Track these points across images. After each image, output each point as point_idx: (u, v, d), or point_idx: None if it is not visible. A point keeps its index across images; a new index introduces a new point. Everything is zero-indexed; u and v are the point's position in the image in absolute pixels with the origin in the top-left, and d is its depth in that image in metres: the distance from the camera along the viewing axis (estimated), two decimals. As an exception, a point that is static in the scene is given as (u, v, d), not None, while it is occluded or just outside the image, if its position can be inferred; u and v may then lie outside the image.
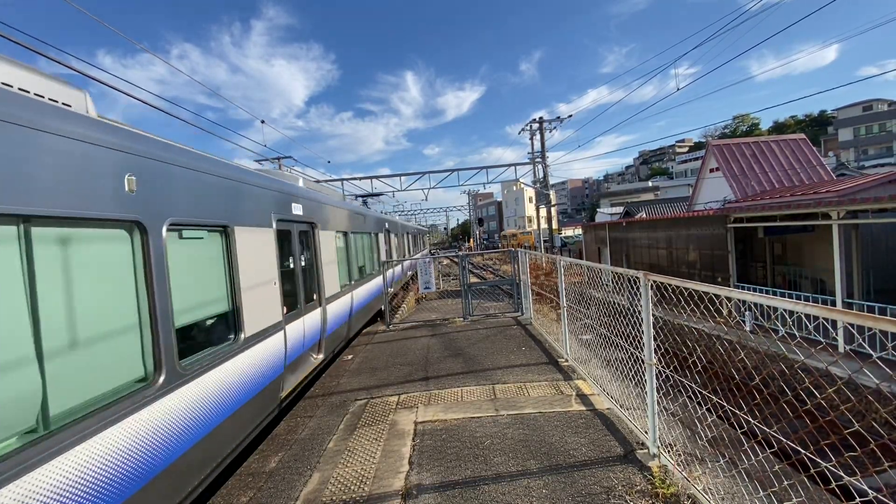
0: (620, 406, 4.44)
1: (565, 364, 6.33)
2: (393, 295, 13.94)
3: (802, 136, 24.74)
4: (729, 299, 2.77)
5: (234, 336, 4.23)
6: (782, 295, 12.17)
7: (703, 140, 73.97)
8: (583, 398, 5.02)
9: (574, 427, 4.31)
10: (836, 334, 9.58)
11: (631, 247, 20.98)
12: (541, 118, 25.69)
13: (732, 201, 20.57)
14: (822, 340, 2.52)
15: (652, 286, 3.55)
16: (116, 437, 2.68)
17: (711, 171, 24.80)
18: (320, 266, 6.99)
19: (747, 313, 11.98)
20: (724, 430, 3.33)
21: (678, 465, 3.30)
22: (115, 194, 2.94)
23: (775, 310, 2.32)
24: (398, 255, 18.15)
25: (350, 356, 7.96)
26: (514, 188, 69.13)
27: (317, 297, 6.81)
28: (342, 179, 24.62)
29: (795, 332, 2.38)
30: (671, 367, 3.41)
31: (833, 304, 10.48)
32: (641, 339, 3.60)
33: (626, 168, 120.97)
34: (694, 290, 3.00)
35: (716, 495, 2.93)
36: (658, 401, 3.49)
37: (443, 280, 23.01)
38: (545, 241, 28.33)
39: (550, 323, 8.44)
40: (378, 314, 11.83)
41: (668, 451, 3.47)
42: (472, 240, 65.61)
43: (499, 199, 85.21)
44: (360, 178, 25.19)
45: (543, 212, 27.45)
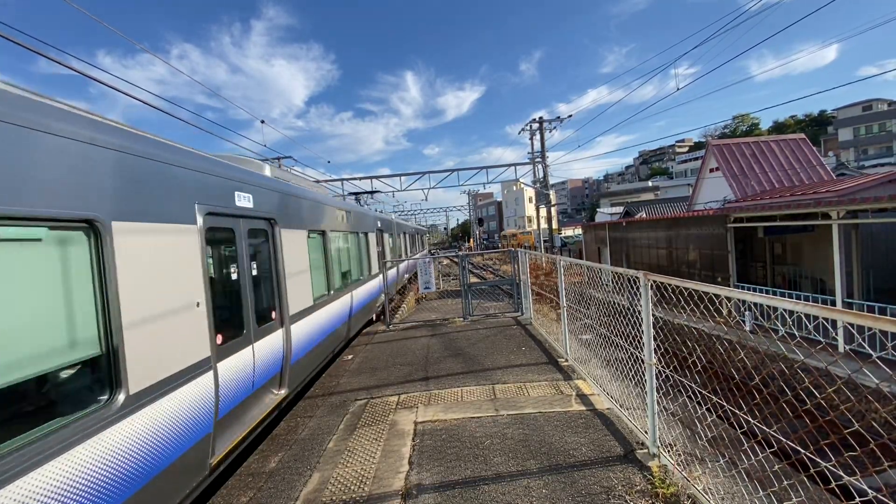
0: (620, 406, 4.44)
1: (565, 364, 6.33)
2: (383, 303, 13.27)
3: (802, 135, 24.75)
4: (729, 299, 2.77)
5: (106, 396, 2.75)
6: (782, 295, 12.17)
7: (703, 140, 73.97)
8: (583, 398, 5.02)
9: (574, 427, 4.31)
10: (836, 334, 9.59)
11: (631, 247, 20.99)
12: (541, 118, 25.70)
13: (732, 201, 20.57)
14: (822, 340, 2.52)
15: (652, 286, 3.55)
16: None
17: (711, 170, 24.81)
18: (283, 275, 5.54)
19: (747, 313, 11.98)
20: (723, 430, 3.33)
21: (678, 464, 3.30)
22: None
23: (775, 309, 2.32)
24: (394, 257, 16.80)
25: (350, 356, 7.96)
26: (514, 188, 69.16)
27: (277, 315, 5.40)
28: (342, 179, 24.64)
29: (795, 331, 2.38)
30: (671, 367, 3.41)
31: (833, 303, 10.48)
32: (641, 338, 3.60)
33: (626, 168, 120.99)
34: (694, 290, 3.00)
35: (716, 495, 2.93)
36: (658, 401, 3.49)
37: (443, 280, 23.02)
38: (545, 241, 28.33)
39: (550, 323, 8.44)
40: (368, 323, 11.04)
41: (668, 451, 3.48)
42: (472, 240, 65.63)
43: (499, 199, 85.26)
44: (360, 178, 25.20)
45: (543, 212, 27.46)
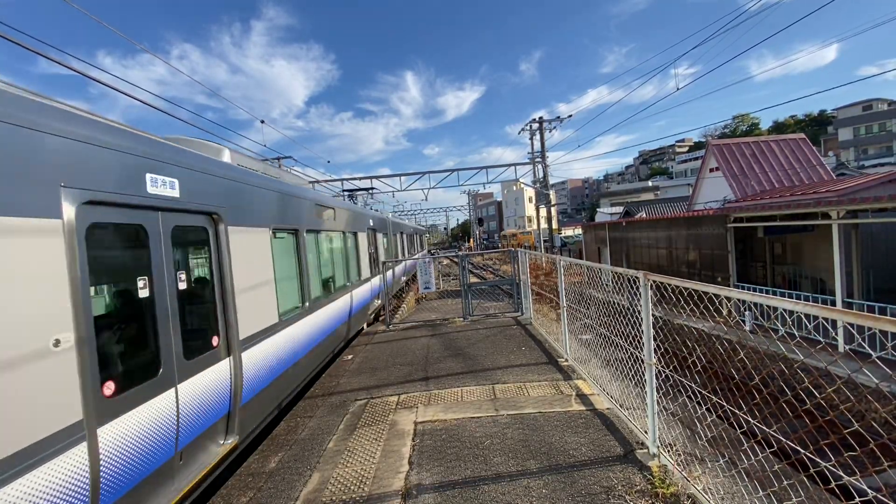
0: (620, 406, 4.44)
1: (565, 364, 6.33)
2: (376, 310, 11.92)
3: (802, 135, 24.75)
4: (729, 299, 2.77)
5: None
6: (782, 295, 12.17)
7: (703, 140, 73.98)
8: (583, 398, 5.02)
9: (574, 427, 4.31)
10: (836, 334, 9.59)
11: (631, 247, 20.99)
12: (541, 118, 25.69)
13: (732, 201, 20.57)
14: (822, 340, 2.52)
15: (651, 286, 3.55)
16: None
17: (711, 170, 24.81)
18: (231, 288, 4.25)
19: (747, 313, 11.99)
20: (723, 430, 3.33)
21: (678, 464, 3.30)
22: None
23: (775, 309, 2.32)
24: (390, 259, 15.11)
25: (350, 356, 7.96)
26: (514, 188, 69.16)
27: (221, 341, 4.12)
28: (342, 179, 24.62)
29: (795, 331, 2.38)
30: (671, 367, 3.41)
31: (833, 303, 10.48)
32: (641, 338, 3.60)
33: (626, 168, 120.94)
34: (694, 290, 3.00)
35: (715, 495, 2.93)
36: (658, 400, 3.49)
37: (443, 280, 23.03)
38: (545, 241, 28.33)
39: (550, 323, 8.44)
40: (360, 332, 10.07)
41: (668, 451, 3.48)
42: (472, 240, 65.63)
43: (499, 199, 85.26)
44: (360, 178, 25.18)
45: (543, 212, 27.45)
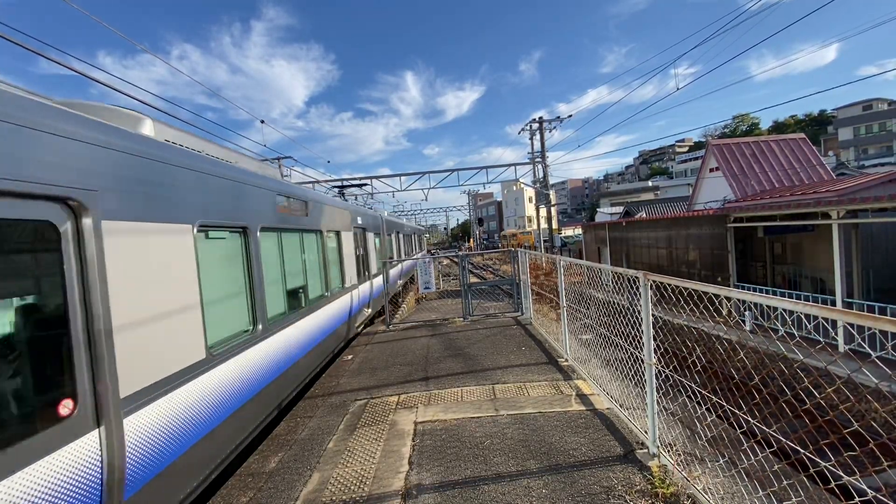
0: (620, 406, 4.44)
1: (565, 364, 6.33)
2: (366, 320, 10.51)
3: (802, 135, 24.75)
4: (728, 299, 2.78)
5: None
6: (782, 294, 12.17)
7: (703, 140, 73.98)
8: (582, 398, 5.02)
9: (574, 427, 4.31)
10: (836, 334, 9.59)
11: (631, 246, 20.98)
12: (540, 118, 25.69)
13: (732, 201, 20.57)
14: (822, 340, 2.52)
15: (651, 286, 3.55)
16: None
17: (711, 170, 24.81)
18: (103, 320, 2.70)
19: (747, 313, 11.99)
20: (723, 430, 3.34)
21: (678, 464, 3.30)
22: None
23: (775, 309, 2.32)
24: (379, 264, 13.00)
25: (350, 356, 7.96)
26: (514, 188, 69.15)
27: (85, 404, 2.54)
28: (342, 179, 24.62)
29: (795, 331, 2.38)
30: (671, 367, 3.41)
31: (833, 303, 10.48)
32: (641, 338, 3.60)
33: (626, 168, 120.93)
34: (693, 290, 3.00)
35: (715, 495, 2.93)
36: (658, 400, 3.49)
37: (443, 280, 23.03)
38: (545, 241, 28.33)
39: (550, 323, 8.44)
40: (343, 349, 8.58)
41: (668, 451, 3.48)
42: (472, 240, 65.63)
43: (499, 199, 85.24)
44: (361, 178, 25.18)
45: (543, 212, 27.45)
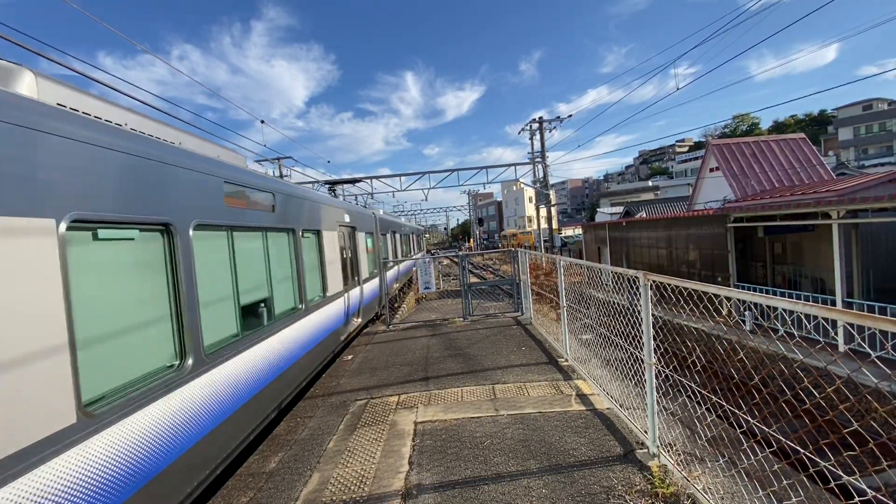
0: (620, 406, 4.44)
1: (565, 364, 6.33)
2: (354, 332, 9.18)
3: (802, 135, 24.75)
4: (728, 299, 2.77)
5: None
6: (782, 294, 12.17)
7: (703, 140, 74.00)
8: (582, 398, 5.02)
9: (574, 427, 4.31)
10: (836, 334, 9.59)
11: (631, 246, 20.98)
12: (540, 118, 25.69)
13: (732, 201, 20.57)
14: (821, 340, 2.52)
15: (651, 286, 3.55)
16: None
17: (711, 170, 24.81)
18: None
19: (747, 313, 11.99)
20: (723, 430, 3.34)
21: (678, 464, 3.30)
22: None
23: (775, 309, 2.33)
24: (371, 267, 11.32)
25: (350, 356, 7.96)
26: (514, 188, 69.15)
27: None
28: (342, 180, 24.60)
29: (795, 331, 2.38)
30: (671, 367, 3.41)
31: (833, 303, 10.48)
32: (641, 338, 3.60)
33: (626, 168, 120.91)
34: (693, 290, 3.00)
35: (715, 495, 2.93)
36: (658, 400, 3.49)
37: (443, 280, 23.04)
38: (545, 241, 28.33)
39: (550, 323, 8.44)
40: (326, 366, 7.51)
41: (668, 451, 3.48)
42: (472, 240, 65.65)
43: (499, 199, 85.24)
44: (361, 178, 25.16)
45: (543, 212, 27.45)
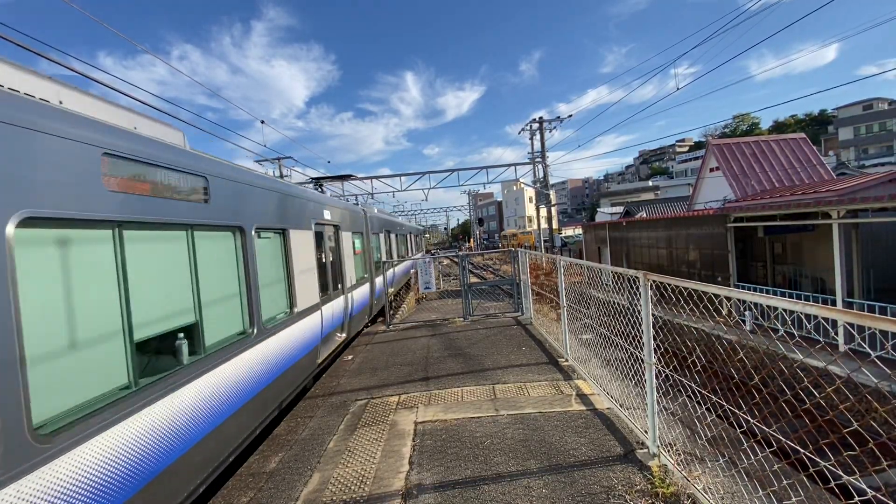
0: (620, 406, 4.44)
1: (565, 364, 6.33)
2: (335, 349, 7.81)
3: (802, 135, 24.75)
4: (728, 299, 2.78)
5: None
6: (782, 294, 12.17)
7: (703, 139, 73.98)
8: (583, 398, 5.03)
9: (574, 427, 4.31)
10: (836, 334, 9.59)
11: (631, 246, 20.98)
12: (541, 118, 25.69)
13: (732, 201, 20.57)
14: (821, 340, 2.52)
15: (651, 286, 3.55)
16: None
17: (711, 170, 24.80)
18: None
19: (747, 313, 11.98)
20: (723, 430, 3.34)
21: (678, 464, 3.30)
22: None
23: (775, 309, 2.32)
24: (361, 271, 10.20)
25: (350, 356, 7.97)
26: (515, 188, 69.15)
27: None
28: (343, 180, 24.61)
29: (795, 331, 2.39)
30: (671, 367, 3.41)
31: (833, 303, 10.48)
32: (641, 338, 3.60)
33: (627, 168, 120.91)
34: (693, 290, 3.00)
35: (715, 494, 2.93)
36: (658, 400, 3.49)
37: (443, 280, 23.04)
38: (545, 241, 28.33)
39: (550, 323, 8.44)
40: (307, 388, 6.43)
41: (668, 451, 3.48)
42: (472, 240, 65.67)
43: (499, 199, 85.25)
44: (361, 178, 25.19)
45: (543, 212, 27.45)
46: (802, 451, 2.33)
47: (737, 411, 2.79)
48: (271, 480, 3.89)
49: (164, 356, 3.57)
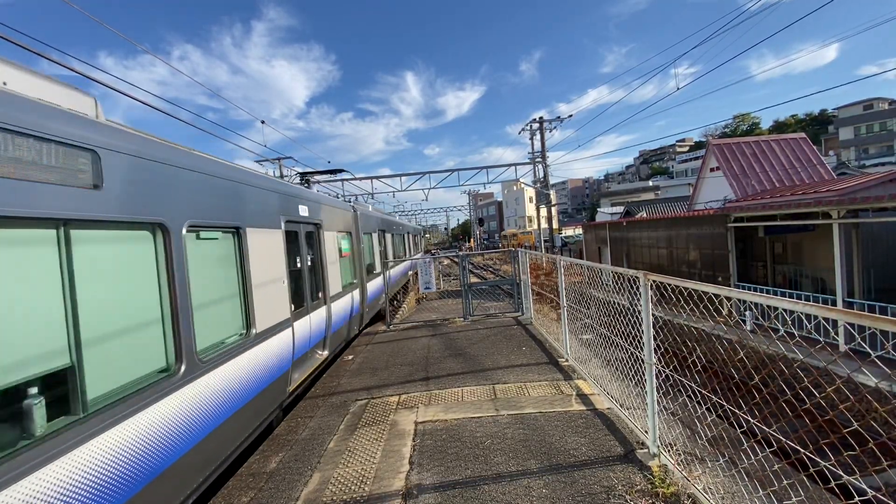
0: (620, 406, 4.44)
1: (565, 364, 6.33)
2: (319, 367, 6.78)
3: (803, 135, 24.73)
4: (729, 299, 2.78)
5: None
6: (782, 294, 12.17)
7: (704, 139, 73.95)
8: (583, 398, 5.03)
9: (574, 427, 4.31)
10: (837, 334, 9.58)
11: (631, 246, 20.98)
12: (541, 118, 25.69)
13: (733, 200, 20.56)
14: (822, 340, 2.52)
15: (652, 286, 3.55)
16: None
17: (712, 170, 24.80)
18: None
19: (747, 313, 11.98)
20: (723, 430, 3.34)
21: (678, 464, 3.30)
22: None
23: (775, 309, 2.32)
24: (348, 277, 9.15)
25: (350, 356, 7.97)
26: (515, 188, 69.16)
27: None
28: (342, 179, 24.63)
29: (795, 331, 2.39)
30: (671, 367, 3.41)
31: (834, 303, 10.48)
32: (641, 338, 3.60)
33: (627, 167, 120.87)
34: (694, 290, 3.00)
35: (716, 494, 2.93)
36: (658, 400, 3.49)
37: (443, 280, 23.03)
38: (545, 241, 28.33)
39: (551, 323, 8.44)
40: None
41: (668, 451, 3.48)
42: (472, 240, 65.69)
43: (499, 199, 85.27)
44: (361, 179, 25.20)
45: (544, 211, 27.45)
46: (803, 451, 2.33)
47: (737, 411, 2.79)
48: (271, 480, 3.89)
49: (7, 424, 2.27)
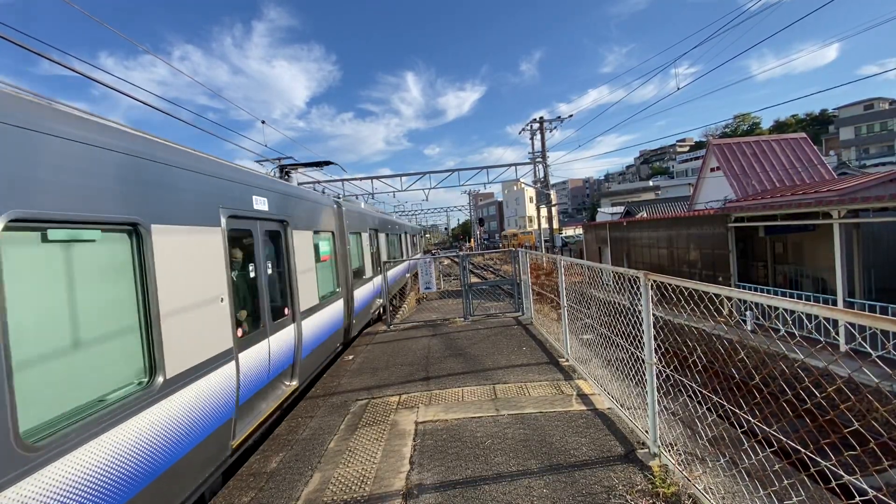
0: (621, 405, 4.44)
1: (566, 364, 6.33)
2: (291, 395, 5.54)
3: (803, 135, 24.74)
4: (729, 299, 2.78)
5: None
6: (783, 294, 12.16)
7: (704, 139, 73.90)
8: (583, 398, 5.03)
9: (575, 427, 4.31)
10: (837, 334, 9.58)
11: (632, 246, 20.97)
12: (541, 118, 25.70)
13: (733, 200, 20.55)
14: (822, 340, 2.52)
15: (652, 286, 3.55)
16: None
17: (712, 170, 24.80)
18: None
19: (748, 313, 11.98)
20: (724, 430, 3.34)
21: (679, 464, 3.30)
22: None
23: (776, 309, 2.32)
24: (331, 285, 7.97)
25: (351, 356, 7.97)
26: (515, 188, 69.18)
27: None
28: (342, 179, 24.63)
29: (795, 331, 2.38)
30: (671, 367, 3.41)
31: (834, 303, 10.47)
32: (642, 338, 3.60)
33: (627, 167, 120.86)
34: (694, 290, 3.00)
35: (716, 494, 2.93)
36: (658, 400, 3.49)
37: (443, 280, 23.03)
38: (546, 241, 28.33)
39: (551, 323, 8.44)
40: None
41: (669, 451, 3.48)
42: (472, 240, 65.71)
43: (499, 199, 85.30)
44: (361, 179, 25.21)
45: (544, 211, 27.46)
46: (803, 450, 2.33)
47: (737, 411, 2.79)
48: (272, 480, 3.89)
49: None
